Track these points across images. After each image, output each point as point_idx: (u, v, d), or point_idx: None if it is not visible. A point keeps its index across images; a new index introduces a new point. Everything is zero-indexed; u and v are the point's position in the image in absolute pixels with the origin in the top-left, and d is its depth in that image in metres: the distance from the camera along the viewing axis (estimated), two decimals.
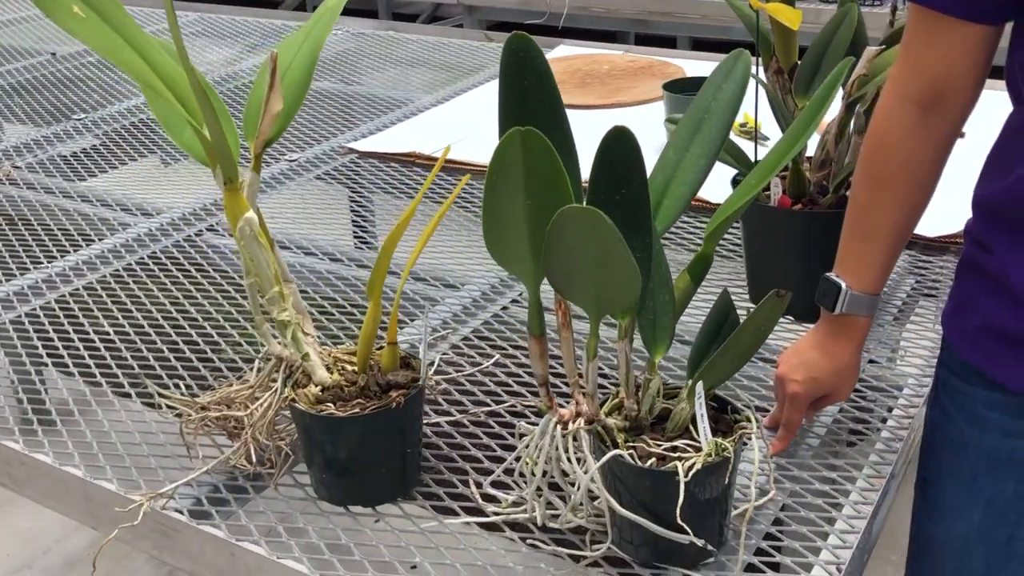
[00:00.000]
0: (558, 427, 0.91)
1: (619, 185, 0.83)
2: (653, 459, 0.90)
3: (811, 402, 1.05)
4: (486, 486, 1.03)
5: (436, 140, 1.96)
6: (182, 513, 1.03)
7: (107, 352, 1.32)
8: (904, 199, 0.97)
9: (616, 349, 0.92)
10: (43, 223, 1.71)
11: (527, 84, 0.84)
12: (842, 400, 1.09)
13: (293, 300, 1.04)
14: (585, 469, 0.90)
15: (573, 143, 0.85)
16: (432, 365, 1.23)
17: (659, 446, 0.91)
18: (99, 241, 1.63)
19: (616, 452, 0.89)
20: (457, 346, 1.33)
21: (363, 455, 1.01)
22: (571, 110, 0.86)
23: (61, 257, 1.58)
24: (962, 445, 0.99)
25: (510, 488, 1.01)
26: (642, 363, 0.96)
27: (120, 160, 2.00)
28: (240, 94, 2.30)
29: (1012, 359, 0.93)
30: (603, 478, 0.90)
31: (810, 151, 1.30)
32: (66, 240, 1.64)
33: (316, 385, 1.02)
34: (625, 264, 0.75)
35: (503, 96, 0.85)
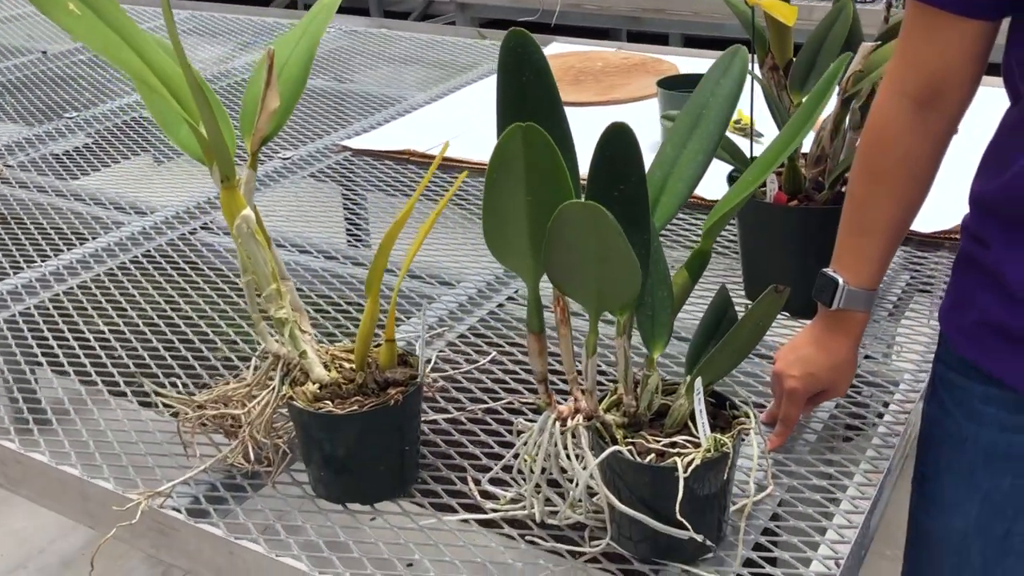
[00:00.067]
0: (557, 424, 0.91)
1: (618, 181, 0.83)
2: (652, 455, 0.90)
3: (808, 398, 1.05)
4: (484, 483, 1.03)
5: (430, 138, 1.96)
6: (180, 512, 1.03)
7: (102, 351, 1.32)
8: (902, 195, 0.97)
9: (614, 346, 0.92)
10: (36, 222, 1.70)
11: (525, 80, 0.84)
12: (839, 396, 1.09)
13: (290, 298, 1.04)
14: (584, 465, 0.90)
15: (572, 139, 0.85)
16: (429, 363, 1.23)
17: (658, 442, 0.91)
18: (93, 240, 1.62)
19: (615, 448, 0.89)
20: (453, 343, 1.33)
21: (361, 453, 1.01)
22: (566, 107, 0.86)
23: (55, 256, 1.57)
24: (959, 440, 1.00)
25: (508, 485, 1.01)
26: (639, 359, 0.96)
27: (112, 159, 1.99)
28: (233, 92, 2.29)
29: (1009, 354, 0.93)
30: (602, 474, 0.90)
31: (805, 147, 1.30)
32: (59, 239, 1.63)
33: (314, 383, 1.01)
34: (626, 260, 0.75)
35: (501, 92, 0.85)
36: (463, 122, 2.05)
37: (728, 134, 1.09)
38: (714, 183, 1.18)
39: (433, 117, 2.11)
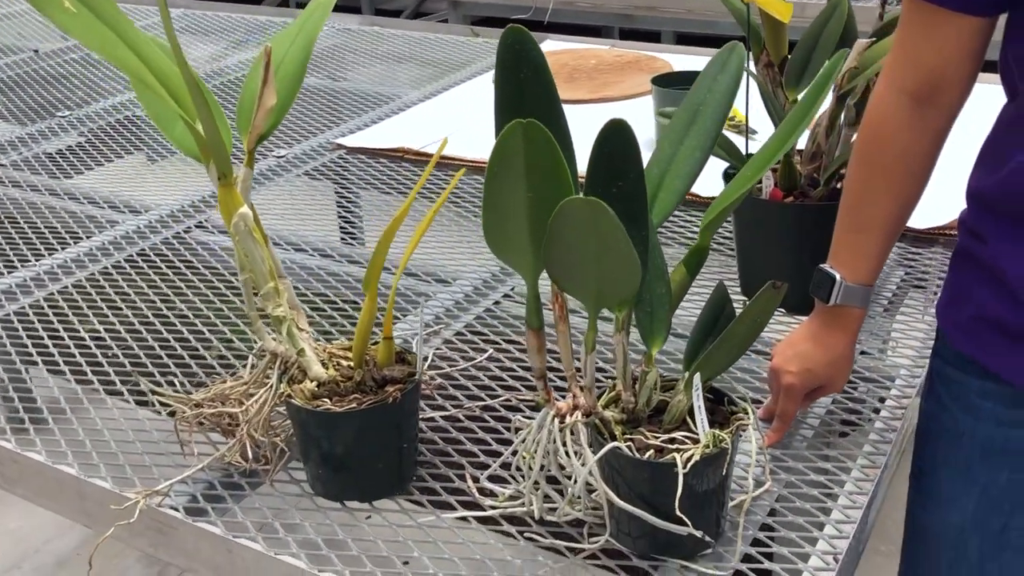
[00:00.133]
0: (555, 420, 0.91)
1: (616, 178, 0.83)
2: (651, 451, 0.90)
3: (806, 394, 1.06)
4: (483, 480, 1.03)
5: (424, 135, 1.95)
6: (178, 510, 1.02)
7: (98, 350, 1.32)
8: (899, 191, 0.98)
9: (612, 342, 0.92)
10: (29, 221, 1.69)
11: (523, 77, 0.84)
12: (836, 391, 1.09)
13: (287, 296, 1.04)
14: (583, 462, 0.90)
15: (570, 136, 0.85)
16: (426, 360, 1.23)
17: (657, 438, 0.91)
18: (87, 238, 1.62)
19: (614, 444, 0.89)
20: (450, 341, 1.33)
21: (360, 450, 1.00)
22: None
23: (49, 255, 1.57)
24: (957, 435, 1.00)
25: (507, 482, 1.01)
26: (636, 356, 0.96)
27: (106, 157, 1.98)
28: (226, 90, 2.29)
29: (1006, 349, 0.94)
30: (601, 471, 0.90)
31: (800, 144, 1.30)
32: (53, 238, 1.63)
33: (312, 381, 1.01)
34: (626, 256, 0.75)
35: (499, 89, 0.85)
36: (457, 120, 2.05)
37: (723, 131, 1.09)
38: (709, 180, 1.18)
39: (427, 115, 2.11)
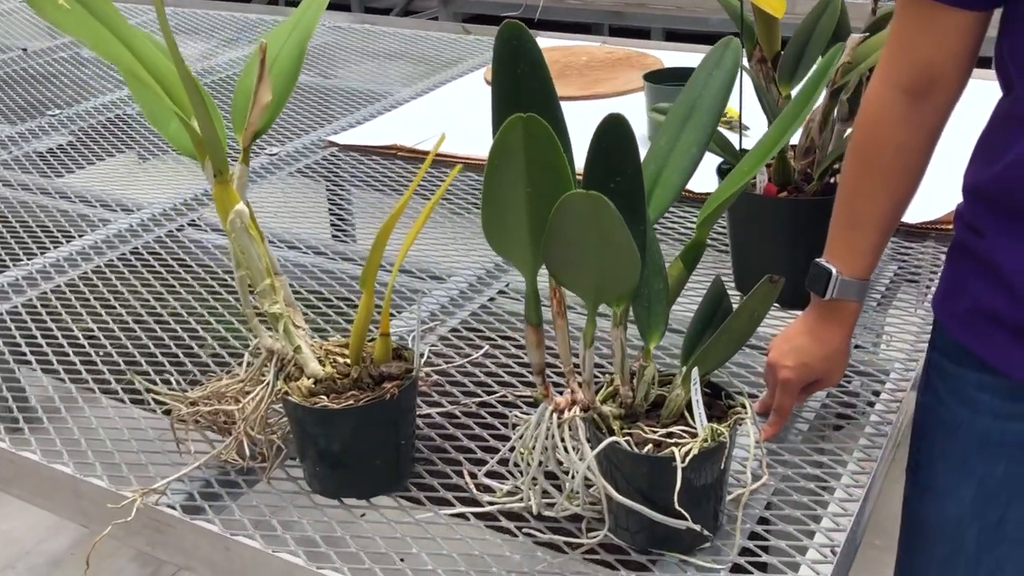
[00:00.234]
0: (554, 415, 0.91)
1: (614, 173, 0.83)
2: (649, 446, 0.90)
3: (802, 387, 1.06)
4: (481, 476, 1.03)
5: (416, 133, 1.95)
6: (175, 509, 1.02)
7: (92, 349, 1.31)
8: (895, 186, 0.98)
9: (609, 338, 0.92)
10: (21, 220, 1.69)
11: (520, 72, 0.84)
12: (832, 385, 1.10)
13: (283, 293, 1.03)
14: (581, 457, 0.90)
15: (567, 131, 0.85)
16: (422, 357, 1.22)
17: (655, 433, 0.91)
18: (79, 237, 1.61)
19: (613, 439, 0.89)
20: (446, 337, 1.33)
21: (357, 447, 1.00)
22: None
23: (41, 254, 1.56)
24: (954, 427, 1.00)
25: (504, 478, 1.02)
26: (633, 352, 0.96)
27: (97, 156, 1.98)
28: (217, 88, 2.28)
29: (1002, 342, 0.94)
30: (599, 466, 0.90)
31: (794, 140, 1.31)
32: (45, 237, 1.62)
33: (309, 378, 1.01)
34: (627, 250, 0.75)
35: (496, 84, 0.85)
36: (450, 117, 2.05)
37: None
38: (702, 176, 1.18)
39: (418, 112, 2.11)
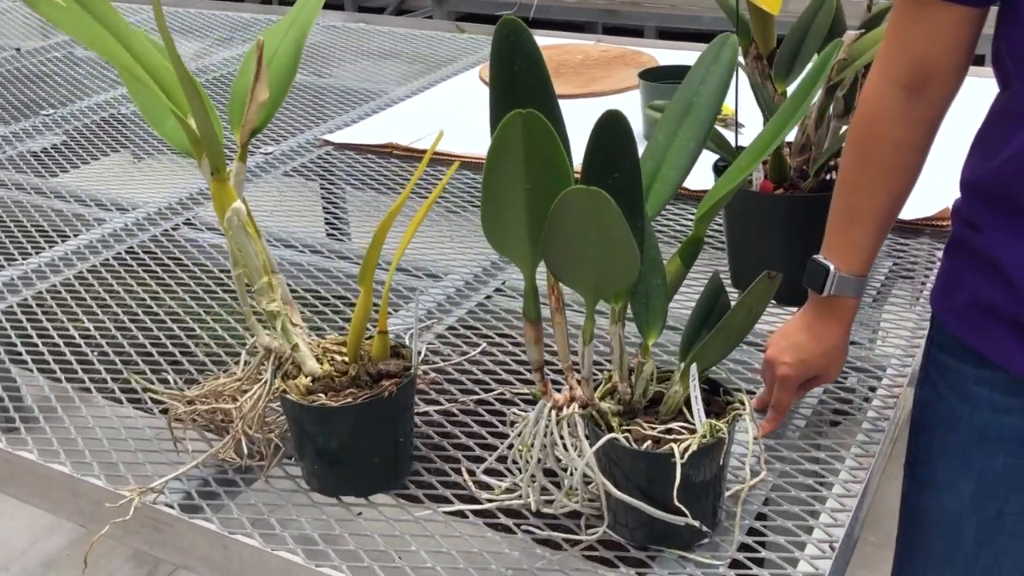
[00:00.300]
0: (553, 412, 0.91)
1: (612, 169, 0.83)
2: (648, 442, 0.90)
3: (800, 384, 1.06)
4: (479, 474, 1.03)
5: (411, 132, 1.95)
6: (173, 507, 1.02)
7: (88, 348, 1.31)
8: (892, 182, 0.98)
9: (606, 335, 0.92)
10: (16, 220, 1.68)
11: (517, 69, 0.84)
12: (831, 381, 1.10)
13: (281, 291, 1.03)
14: (580, 453, 0.90)
15: (564, 128, 0.85)
16: (419, 355, 1.22)
17: (653, 429, 0.91)
18: (74, 237, 1.61)
19: (612, 435, 0.89)
20: (443, 335, 1.33)
21: (355, 445, 1.00)
22: None
23: (36, 253, 1.56)
24: (953, 421, 1.01)
25: (503, 475, 1.02)
26: (631, 349, 0.96)
27: (91, 155, 1.97)
28: (212, 87, 2.27)
29: (1000, 336, 0.94)
30: (598, 462, 0.90)
31: (790, 137, 1.31)
32: (40, 236, 1.62)
33: (307, 376, 1.01)
34: (626, 246, 0.75)
35: (494, 81, 0.84)
36: (444, 116, 2.05)
37: None
38: (697, 173, 1.19)
39: (413, 111, 2.11)
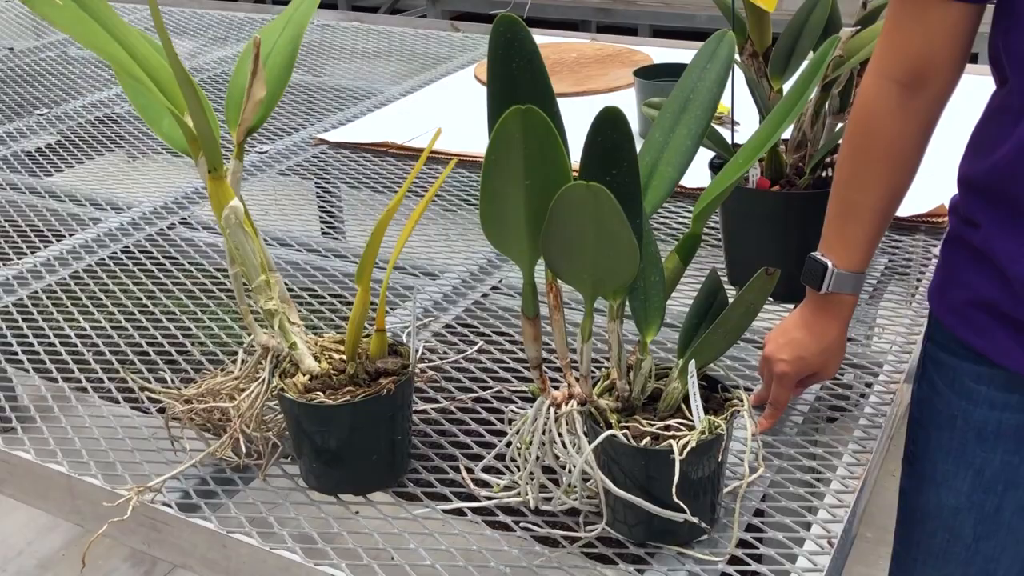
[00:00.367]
0: (551, 409, 0.91)
1: (610, 167, 0.83)
2: (647, 439, 0.90)
3: (798, 381, 1.06)
4: (478, 471, 1.03)
5: (406, 130, 1.95)
6: (171, 507, 1.02)
7: (85, 348, 1.31)
8: (889, 179, 0.98)
9: (604, 332, 0.92)
10: (11, 219, 1.68)
11: (516, 66, 0.84)
12: (828, 378, 1.10)
13: (278, 289, 1.03)
14: (579, 450, 0.90)
15: (563, 125, 0.85)
16: (417, 353, 1.22)
17: (652, 426, 0.91)
18: (70, 236, 1.60)
19: (610, 432, 0.89)
20: (440, 334, 1.32)
21: (353, 443, 1.00)
22: None
23: (32, 253, 1.55)
24: (951, 418, 1.01)
25: (501, 473, 1.01)
26: (629, 346, 0.96)
27: (85, 155, 1.97)
28: (207, 86, 2.27)
29: (998, 332, 0.94)
30: (597, 459, 0.90)
31: (785, 134, 1.31)
32: (36, 236, 1.61)
33: (304, 374, 1.01)
34: (625, 242, 0.75)
35: (492, 78, 0.84)
36: (439, 114, 2.05)
37: None
38: (694, 171, 1.19)
39: (408, 110, 2.10)
